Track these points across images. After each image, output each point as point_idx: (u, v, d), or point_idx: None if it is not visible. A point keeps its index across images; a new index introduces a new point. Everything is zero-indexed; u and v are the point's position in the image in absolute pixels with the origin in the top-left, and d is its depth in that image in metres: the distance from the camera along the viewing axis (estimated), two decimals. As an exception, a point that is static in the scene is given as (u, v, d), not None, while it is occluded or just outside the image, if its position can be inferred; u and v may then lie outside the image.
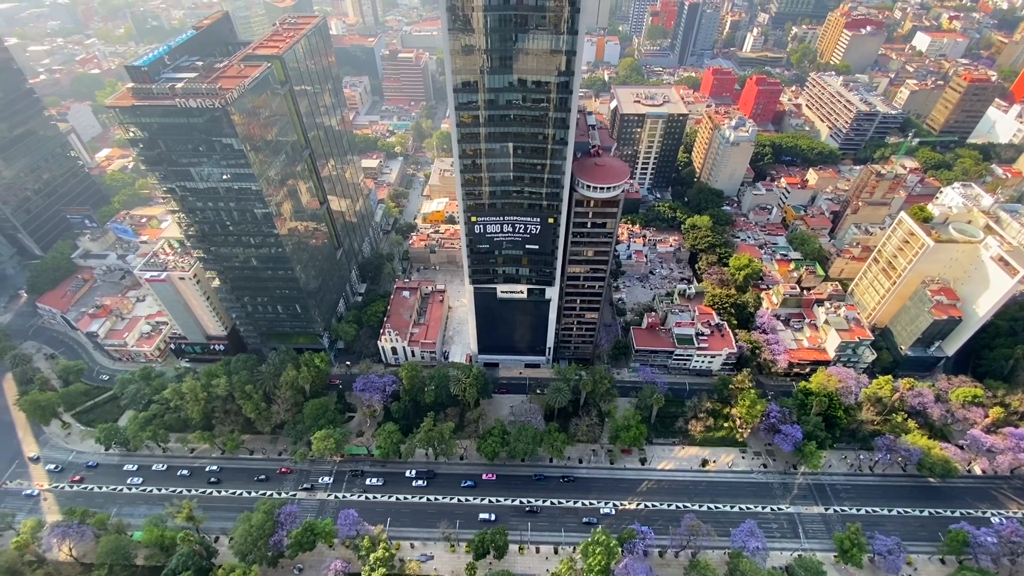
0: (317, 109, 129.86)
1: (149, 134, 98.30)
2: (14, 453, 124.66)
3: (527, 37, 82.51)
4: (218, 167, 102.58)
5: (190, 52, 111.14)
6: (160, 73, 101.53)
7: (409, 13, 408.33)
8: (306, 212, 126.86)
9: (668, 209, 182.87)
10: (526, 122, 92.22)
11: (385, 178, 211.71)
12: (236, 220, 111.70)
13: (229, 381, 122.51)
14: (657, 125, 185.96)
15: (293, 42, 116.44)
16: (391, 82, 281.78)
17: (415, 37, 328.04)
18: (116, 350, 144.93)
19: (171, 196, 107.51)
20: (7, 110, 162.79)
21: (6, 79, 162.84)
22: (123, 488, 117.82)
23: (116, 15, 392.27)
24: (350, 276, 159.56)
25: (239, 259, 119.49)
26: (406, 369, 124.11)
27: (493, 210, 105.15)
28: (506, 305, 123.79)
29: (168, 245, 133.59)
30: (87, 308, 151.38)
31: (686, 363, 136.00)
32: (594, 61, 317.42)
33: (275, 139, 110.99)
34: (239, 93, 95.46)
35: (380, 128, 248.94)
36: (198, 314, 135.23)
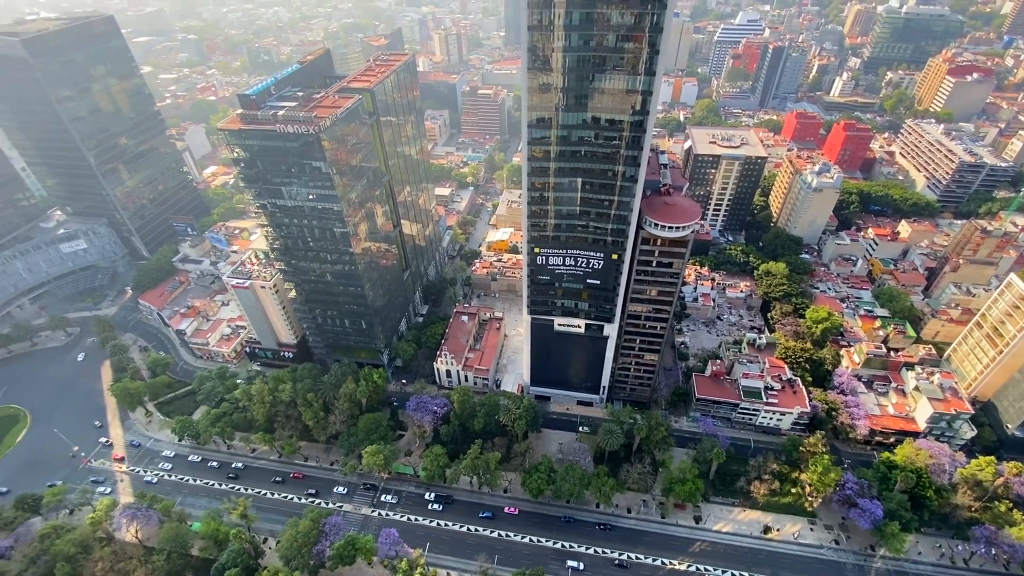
0: (399, 139, 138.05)
1: (250, 155, 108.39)
2: (102, 434, 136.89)
3: (604, 77, 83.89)
4: (306, 187, 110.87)
5: (294, 84, 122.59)
6: (266, 101, 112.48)
7: (492, 52, 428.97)
8: (380, 234, 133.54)
9: (740, 253, 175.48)
10: (597, 158, 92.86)
11: (455, 206, 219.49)
12: (316, 237, 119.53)
13: (293, 388, 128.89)
14: (733, 167, 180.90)
15: (383, 77, 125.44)
16: (469, 116, 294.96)
17: (495, 75, 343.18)
18: (199, 348, 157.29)
19: (262, 211, 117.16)
20: (136, 128, 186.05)
21: (139, 102, 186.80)
22: (188, 479, 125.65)
23: (234, 50, 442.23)
24: (414, 297, 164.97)
25: (315, 273, 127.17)
26: (458, 393, 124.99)
27: (557, 242, 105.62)
28: (562, 338, 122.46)
29: (255, 256, 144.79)
30: (179, 308, 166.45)
31: (752, 418, 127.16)
32: (670, 101, 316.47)
33: (359, 164, 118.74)
34: (331, 121, 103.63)
35: (455, 159, 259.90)
36: (273, 321, 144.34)
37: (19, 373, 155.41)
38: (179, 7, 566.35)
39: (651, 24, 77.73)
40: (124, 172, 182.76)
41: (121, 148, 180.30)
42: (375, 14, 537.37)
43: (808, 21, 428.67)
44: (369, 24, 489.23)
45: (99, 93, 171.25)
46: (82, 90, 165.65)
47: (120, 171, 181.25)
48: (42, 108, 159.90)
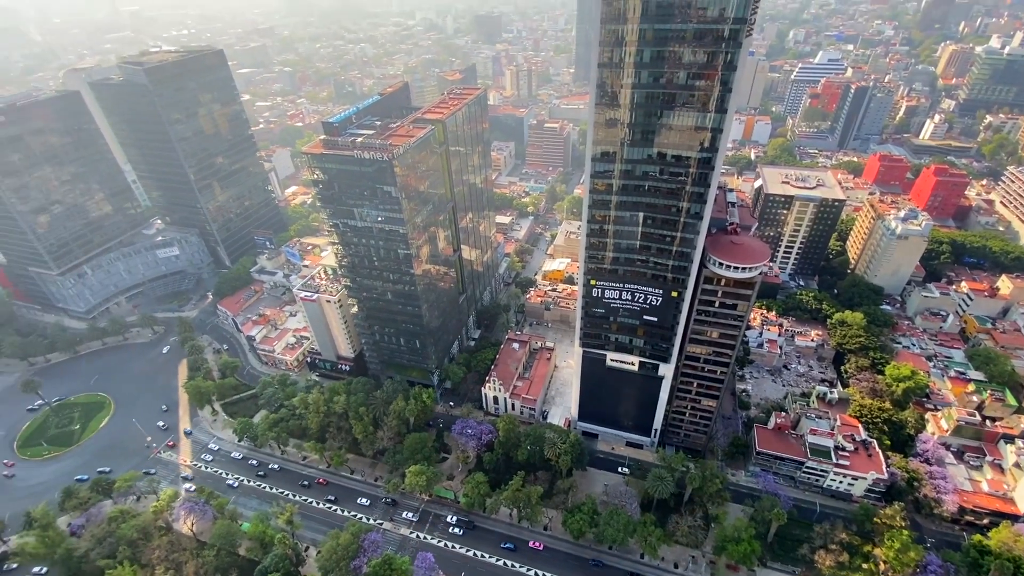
0: (466, 167, 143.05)
1: (329, 177, 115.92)
2: (171, 428, 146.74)
3: (672, 113, 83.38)
4: (376, 210, 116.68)
5: (373, 113, 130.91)
6: (347, 129, 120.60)
7: (560, 88, 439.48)
8: (440, 257, 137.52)
9: (812, 299, 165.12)
10: (660, 194, 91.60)
11: (514, 234, 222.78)
12: (381, 257, 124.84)
13: (347, 400, 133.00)
14: (807, 208, 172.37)
15: (455, 109, 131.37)
16: (534, 148, 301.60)
17: (562, 109, 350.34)
18: (265, 355, 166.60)
19: (334, 230, 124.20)
20: (232, 149, 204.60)
21: (236, 126, 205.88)
22: (243, 479, 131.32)
23: (323, 81, 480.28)
24: (467, 321, 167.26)
25: (377, 291, 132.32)
26: (504, 421, 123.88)
27: (614, 276, 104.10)
28: (614, 375, 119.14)
29: (324, 271, 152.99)
30: (252, 315, 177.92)
31: (819, 480, 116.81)
32: (741, 139, 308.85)
33: (426, 190, 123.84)
34: (403, 150, 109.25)
35: (517, 188, 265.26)
36: (334, 335, 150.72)
37: (109, 364, 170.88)
38: (278, 43, 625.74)
39: (724, 62, 76.90)
40: (217, 188, 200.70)
41: (217, 167, 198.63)
42: (452, 51, 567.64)
43: (896, 61, 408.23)
44: (446, 60, 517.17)
45: (204, 117, 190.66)
46: (190, 114, 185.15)
47: (214, 187, 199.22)
48: (155, 128, 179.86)
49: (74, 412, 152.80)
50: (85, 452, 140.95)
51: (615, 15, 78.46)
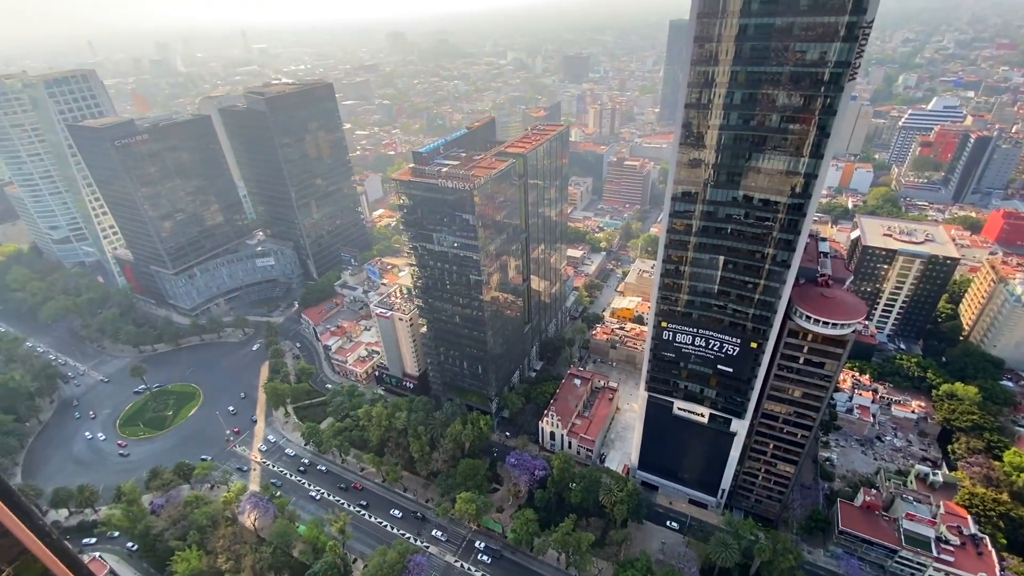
0: (542, 200, 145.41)
1: (413, 202, 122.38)
2: (247, 424, 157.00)
3: (762, 157, 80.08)
4: (453, 235, 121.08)
5: (460, 145, 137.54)
6: (434, 159, 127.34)
7: (643, 127, 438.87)
8: (509, 285, 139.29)
9: (915, 366, 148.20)
10: (744, 238, 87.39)
11: (585, 268, 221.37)
12: (454, 281, 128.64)
13: (407, 417, 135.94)
14: (913, 265, 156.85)
15: (537, 145, 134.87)
16: (612, 185, 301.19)
17: (644, 148, 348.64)
18: (338, 365, 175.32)
19: (413, 252, 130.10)
20: (331, 173, 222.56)
21: (336, 152, 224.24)
22: (304, 482, 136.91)
23: (417, 114, 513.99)
24: (531, 351, 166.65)
25: (446, 314, 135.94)
26: (559, 459, 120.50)
27: (687, 320, 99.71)
28: (681, 425, 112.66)
29: (400, 290, 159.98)
30: (331, 326, 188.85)
31: (915, 574, 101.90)
32: (837, 186, 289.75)
33: (502, 220, 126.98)
34: (484, 181, 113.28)
35: (592, 223, 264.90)
36: (403, 352, 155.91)
37: (204, 358, 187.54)
38: (380, 79, 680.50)
39: (823, 106, 73.13)
40: (314, 207, 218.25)
41: (315, 187, 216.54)
42: (539, 89, 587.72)
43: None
44: (532, 98, 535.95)
45: (309, 142, 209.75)
46: (298, 139, 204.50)
47: (311, 206, 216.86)
48: (267, 150, 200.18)
49: (169, 399, 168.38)
50: (173, 437, 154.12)
51: (706, 57, 77.65)
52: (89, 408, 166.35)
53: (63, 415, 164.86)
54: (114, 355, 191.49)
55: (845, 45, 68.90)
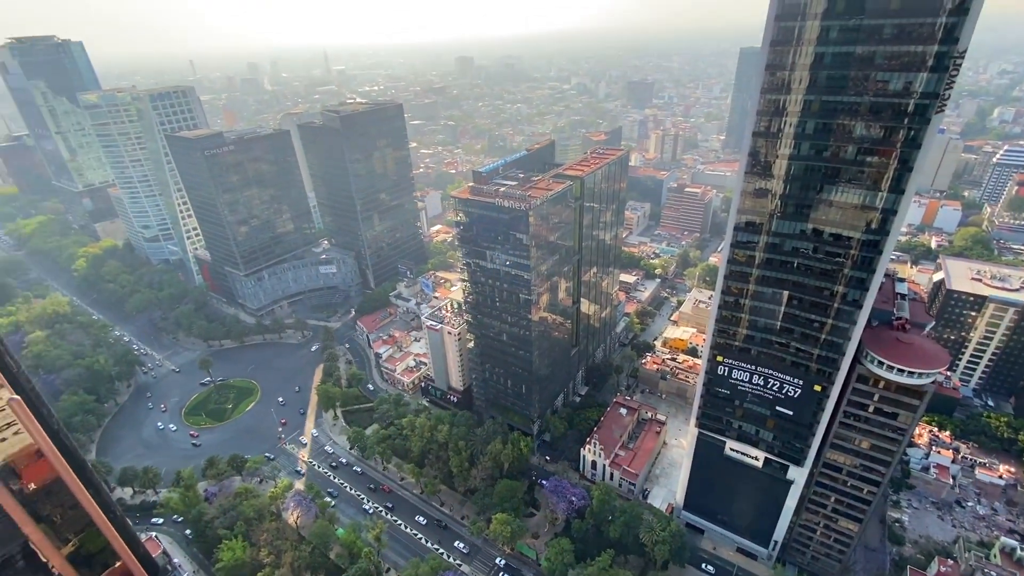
0: (597, 223, 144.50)
1: (470, 220, 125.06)
2: (299, 424, 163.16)
3: (835, 189, 75.96)
4: (506, 254, 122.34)
5: (519, 166, 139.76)
6: (493, 179, 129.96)
7: (707, 154, 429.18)
8: (558, 307, 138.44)
9: (1005, 426, 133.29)
10: (812, 274, 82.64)
11: (637, 294, 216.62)
12: (503, 299, 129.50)
13: (449, 431, 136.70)
14: (1005, 313, 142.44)
15: (595, 168, 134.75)
16: (670, 211, 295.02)
17: (706, 175, 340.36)
18: (387, 373, 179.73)
19: (466, 268, 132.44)
20: (394, 188, 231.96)
21: (401, 169, 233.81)
22: (347, 485, 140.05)
23: (479, 135, 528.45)
24: (576, 376, 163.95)
25: (494, 330, 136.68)
26: (599, 490, 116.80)
27: (745, 356, 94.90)
28: (732, 466, 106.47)
29: (451, 305, 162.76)
30: (383, 335, 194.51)
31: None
32: (919, 224, 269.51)
33: (555, 241, 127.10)
34: (540, 202, 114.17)
35: (647, 249, 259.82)
36: (449, 365, 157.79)
37: (264, 357, 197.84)
38: (447, 100, 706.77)
39: (905, 139, 68.67)
40: (376, 219, 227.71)
41: (379, 201, 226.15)
42: (601, 114, 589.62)
43: None
44: (593, 121, 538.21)
45: (377, 159, 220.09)
46: (367, 155, 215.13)
47: (374, 218, 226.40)
48: (338, 165, 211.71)
49: (230, 393, 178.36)
50: (231, 429, 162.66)
51: (777, 85, 75.19)
52: (160, 395, 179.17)
53: (137, 400, 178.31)
54: (186, 347, 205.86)
55: (933, 75, 64.73)
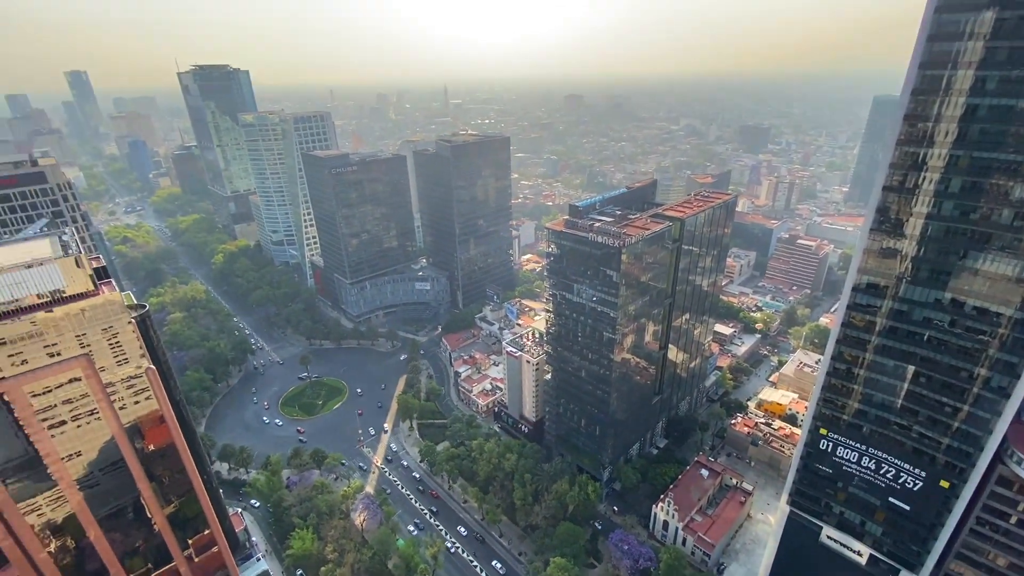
0: (694, 268, 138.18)
1: (561, 252, 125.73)
2: (377, 428, 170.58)
3: (982, 257, 66.11)
4: (593, 289, 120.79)
5: (617, 203, 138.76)
6: (589, 213, 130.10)
7: (825, 205, 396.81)
8: (643, 350, 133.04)
9: None
10: (946, 350, 71.83)
11: (733, 348, 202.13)
12: (586, 334, 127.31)
13: (516, 462, 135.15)
14: None
15: (698, 211, 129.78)
16: (778, 263, 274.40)
17: (823, 228, 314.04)
18: (463, 392, 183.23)
19: (552, 299, 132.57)
20: (492, 215, 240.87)
21: (501, 198, 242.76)
22: (413, 497, 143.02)
23: (580, 170, 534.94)
24: (655, 426, 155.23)
25: (573, 365, 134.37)
26: (669, 554, 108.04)
27: (855, 433, 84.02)
28: (828, 557, 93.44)
29: (532, 333, 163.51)
30: (464, 355, 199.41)
31: None
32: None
33: (646, 282, 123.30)
34: (635, 240, 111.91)
35: (748, 301, 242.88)
36: (524, 394, 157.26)
37: (356, 360, 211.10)
38: (552, 136, 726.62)
39: (1085, 205, 58.34)
40: (472, 244, 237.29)
41: (477, 227, 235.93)
42: (709, 156, 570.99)
43: None
44: (700, 164, 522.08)
45: (479, 187, 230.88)
46: (471, 183, 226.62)
47: (470, 242, 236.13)
48: (444, 190, 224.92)
49: (322, 390, 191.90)
50: (317, 424, 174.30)
51: (918, 137, 67.92)
52: (264, 383, 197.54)
53: (245, 384, 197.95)
54: (291, 342, 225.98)
55: None
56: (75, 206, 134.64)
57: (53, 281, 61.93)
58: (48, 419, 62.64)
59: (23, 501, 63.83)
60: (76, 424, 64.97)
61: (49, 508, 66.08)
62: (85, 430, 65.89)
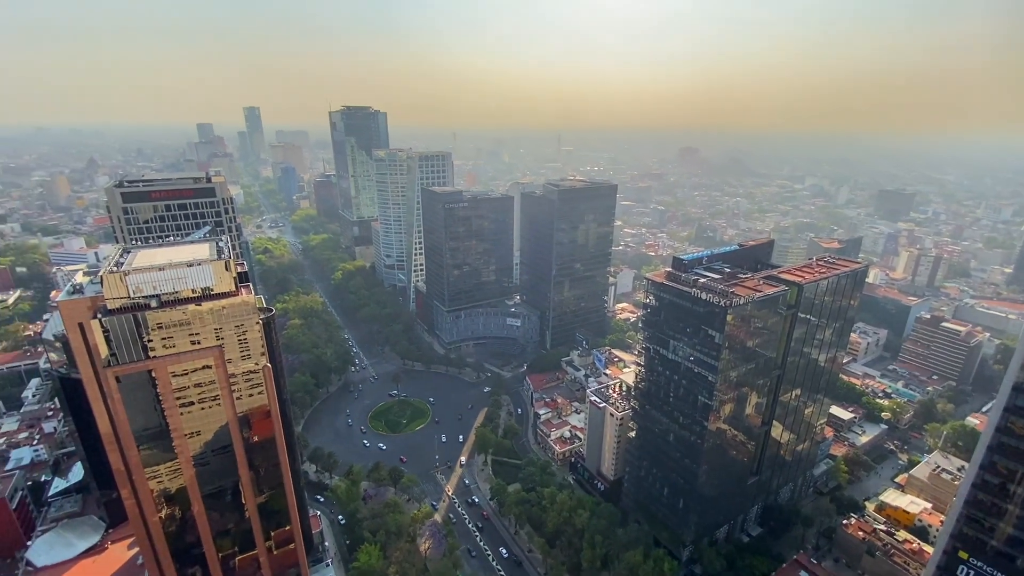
0: (810, 339, 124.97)
1: (659, 305, 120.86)
2: (453, 457, 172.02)
3: None
4: (692, 348, 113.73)
5: (726, 260, 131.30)
6: (694, 268, 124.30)
7: (980, 287, 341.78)
8: (742, 423, 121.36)
9: None
10: None
11: (852, 437, 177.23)
12: (679, 396, 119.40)
13: (588, 520, 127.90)
14: None
15: (819, 277, 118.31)
16: (916, 346, 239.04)
17: (976, 312, 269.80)
18: (541, 435, 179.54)
19: (644, 352, 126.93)
20: (590, 260, 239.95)
21: (601, 244, 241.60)
22: (478, 535, 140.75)
23: (688, 223, 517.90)
24: (749, 510, 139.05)
25: (661, 427, 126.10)
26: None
27: (1005, 564, 68.37)
28: None
29: (620, 385, 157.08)
30: (547, 396, 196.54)
31: None
32: None
33: (753, 348, 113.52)
34: (744, 301, 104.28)
35: (874, 384, 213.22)
36: (604, 449, 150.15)
37: (442, 386, 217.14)
38: (662, 186, 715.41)
39: None
40: (566, 286, 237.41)
41: (573, 270, 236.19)
42: (837, 220, 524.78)
43: None
44: (826, 227, 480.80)
45: (581, 231, 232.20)
46: (573, 227, 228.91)
47: (564, 284, 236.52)
48: (545, 231, 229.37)
49: (407, 410, 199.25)
50: (399, 443, 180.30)
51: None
52: (358, 394, 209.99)
53: (342, 393, 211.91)
54: (387, 360, 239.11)
55: None
56: (233, 218, 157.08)
57: (205, 279, 72.00)
58: (181, 398, 71.69)
59: (148, 467, 72.89)
60: (201, 407, 73.57)
61: (167, 477, 74.70)
62: (207, 413, 74.34)
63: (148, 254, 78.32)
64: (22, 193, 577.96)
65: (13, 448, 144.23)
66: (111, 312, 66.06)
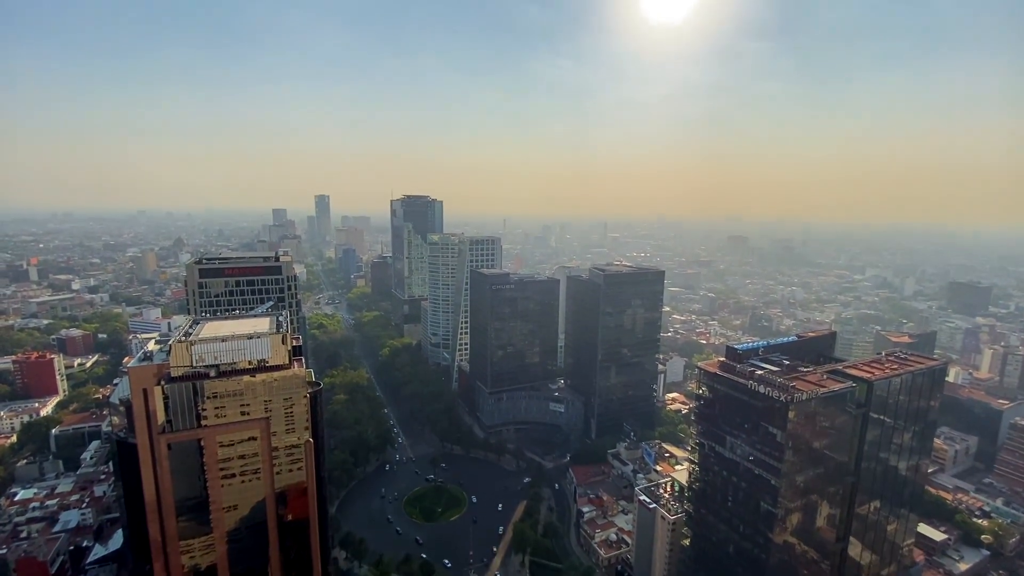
0: (887, 444, 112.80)
1: (713, 396, 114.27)
2: (488, 553, 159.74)
3: None
4: (751, 447, 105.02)
5: (784, 352, 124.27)
6: (750, 359, 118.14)
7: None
8: (814, 537, 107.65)
9: None
10: None
11: (947, 563, 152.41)
12: (738, 500, 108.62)
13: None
14: None
15: (891, 374, 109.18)
16: (1013, 456, 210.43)
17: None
18: (584, 537, 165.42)
19: (698, 449, 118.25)
20: (637, 345, 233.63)
21: (649, 329, 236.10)
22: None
23: (740, 311, 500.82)
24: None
25: (719, 535, 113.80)
26: None
27: None
28: None
29: (672, 485, 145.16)
30: (591, 492, 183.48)
31: None
32: None
33: (820, 450, 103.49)
34: (807, 397, 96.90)
35: (968, 500, 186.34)
36: (655, 557, 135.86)
37: (480, 473, 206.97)
38: (712, 273, 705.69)
39: None
40: (612, 372, 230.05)
41: (620, 355, 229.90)
42: (905, 312, 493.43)
43: None
44: (893, 320, 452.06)
45: (628, 316, 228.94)
46: (619, 311, 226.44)
47: (610, 370, 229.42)
48: (591, 315, 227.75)
49: (443, 497, 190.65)
50: (432, 532, 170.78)
51: None
52: (395, 476, 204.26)
53: (379, 473, 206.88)
54: (427, 441, 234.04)
55: None
56: (294, 295, 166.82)
57: (262, 351, 75.13)
58: (224, 469, 72.17)
59: (183, 540, 72.09)
60: (242, 479, 73.56)
61: (200, 553, 73.33)
62: (246, 486, 74.06)
63: (214, 325, 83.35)
64: (116, 267, 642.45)
65: (63, 510, 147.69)
66: (173, 379, 69.42)
